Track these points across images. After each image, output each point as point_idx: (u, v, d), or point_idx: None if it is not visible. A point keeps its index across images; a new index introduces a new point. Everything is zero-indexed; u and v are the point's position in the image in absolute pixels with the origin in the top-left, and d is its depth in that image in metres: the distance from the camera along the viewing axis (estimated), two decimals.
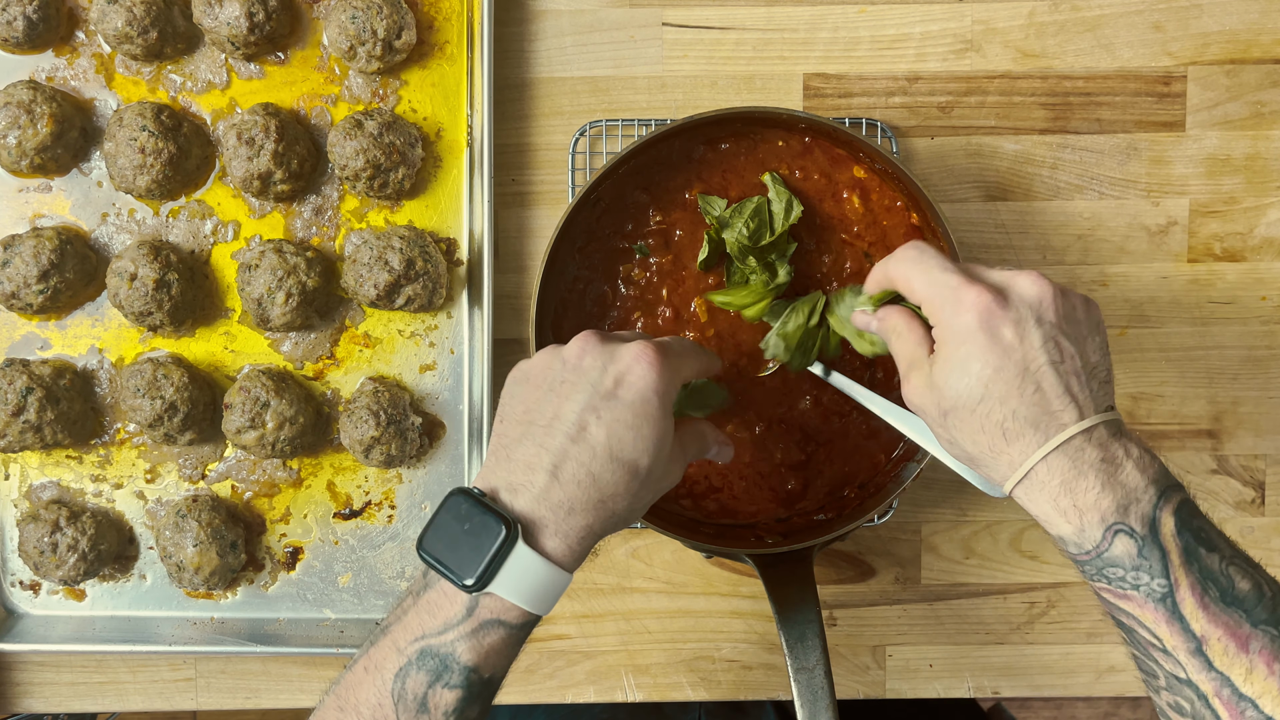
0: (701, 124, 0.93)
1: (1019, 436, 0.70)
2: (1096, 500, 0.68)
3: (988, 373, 0.70)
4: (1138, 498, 0.68)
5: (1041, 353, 0.70)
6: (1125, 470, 0.68)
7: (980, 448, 0.72)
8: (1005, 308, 0.71)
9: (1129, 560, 0.67)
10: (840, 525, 0.93)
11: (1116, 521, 0.68)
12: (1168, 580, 0.66)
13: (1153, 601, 0.67)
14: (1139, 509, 0.68)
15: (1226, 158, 1.05)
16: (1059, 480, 0.69)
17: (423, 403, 1.03)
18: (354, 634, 1.04)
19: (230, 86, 1.02)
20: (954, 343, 0.72)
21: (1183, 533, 0.67)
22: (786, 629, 0.88)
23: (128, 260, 0.97)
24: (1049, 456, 0.69)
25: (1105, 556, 0.68)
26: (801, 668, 0.87)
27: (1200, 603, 0.66)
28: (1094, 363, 0.72)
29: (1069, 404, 0.70)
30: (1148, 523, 0.67)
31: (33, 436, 0.97)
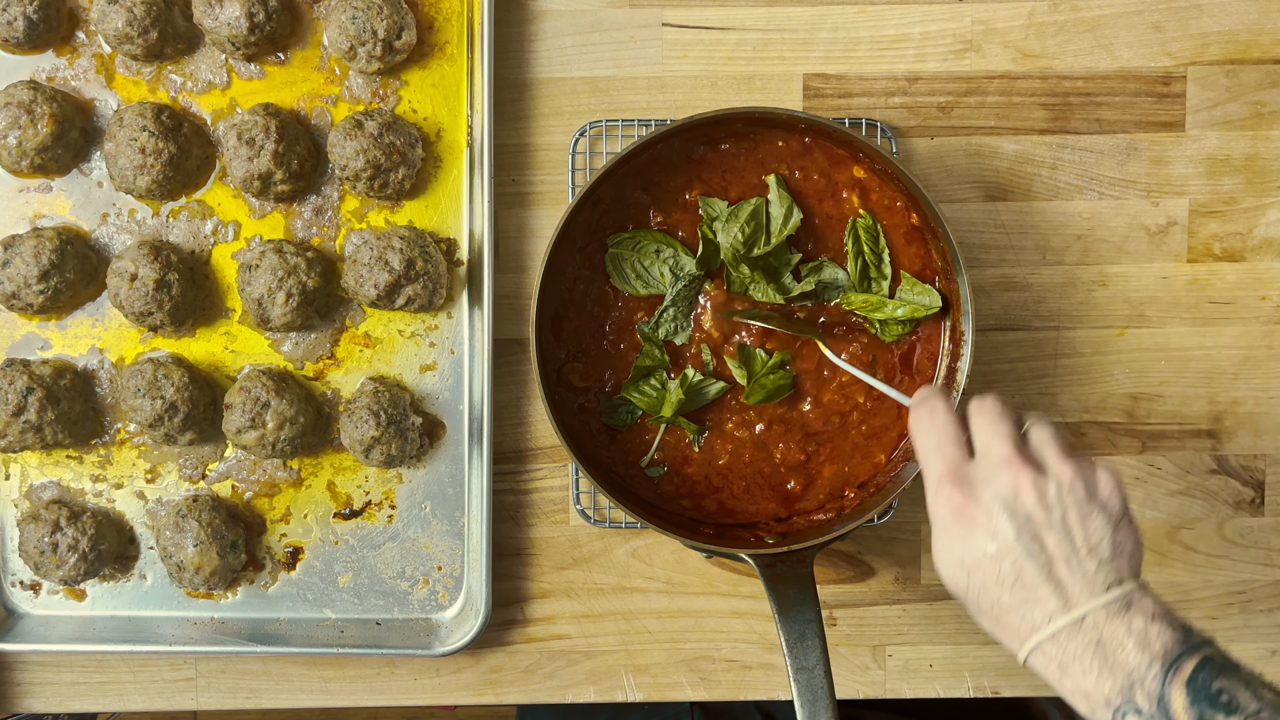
0: (701, 124, 0.93)
1: (1008, 624, 0.73)
2: (1096, 684, 0.69)
3: (966, 561, 0.73)
4: (1140, 677, 0.68)
5: (1016, 543, 0.72)
6: (1125, 650, 0.69)
7: (984, 624, 0.75)
8: (976, 501, 0.73)
9: None
10: (840, 525, 0.93)
11: (1122, 703, 0.68)
12: None
13: None
14: (1144, 688, 0.67)
15: (1226, 158, 1.05)
16: (1056, 664, 0.71)
17: (423, 403, 1.03)
18: (354, 634, 1.04)
19: (230, 87, 1.02)
20: (938, 530, 0.75)
21: (1197, 704, 0.66)
22: (786, 628, 0.88)
23: (128, 260, 0.97)
24: (1042, 644, 0.71)
25: None
26: (801, 667, 0.87)
27: None
28: (1092, 543, 0.72)
29: (1052, 593, 0.71)
30: (1155, 700, 0.67)
31: (33, 436, 0.97)
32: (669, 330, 0.97)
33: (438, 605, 1.05)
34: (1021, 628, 0.72)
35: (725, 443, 0.98)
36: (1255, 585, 1.08)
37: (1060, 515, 0.72)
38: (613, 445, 0.98)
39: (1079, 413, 1.06)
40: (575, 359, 0.98)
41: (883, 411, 0.98)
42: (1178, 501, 1.07)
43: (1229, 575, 1.08)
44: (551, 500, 1.06)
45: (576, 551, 1.07)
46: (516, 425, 1.06)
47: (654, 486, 0.99)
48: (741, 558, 0.92)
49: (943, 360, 0.97)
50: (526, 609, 1.07)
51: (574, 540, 1.06)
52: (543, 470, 1.06)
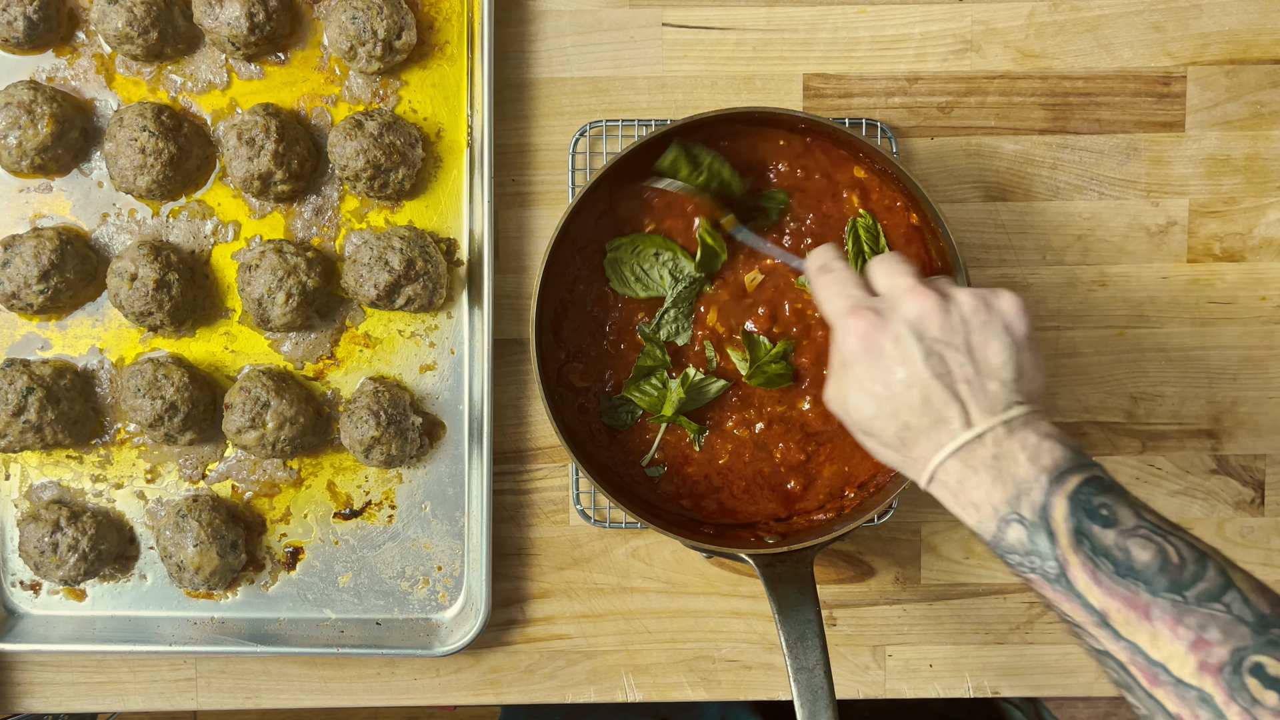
0: (701, 124, 0.93)
1: (914, 444, 0.76)
2: (988, 495, 0.72)
3: (876, 390, 0.76)
4: (1028, 488, 0.71)
5: (924, 366, 0.74)
6: (1017, 464, 0.72)
7: (887, 455, 0.78)
8: (884, 328, 0.76)
9: (1021, 546, 0.71)
10: (840, 525, 0.93)
11: (1009, 512, 0.72)
12: (1058, 562, 0.70)
13: (1049, 582, 0.71)
14: (1030, 498, 0.71)
15: (1226, 158, 1.05)
16: (955, 480, 0.74)
17: (423, 403, 1.03)
18: (354, 634, 1.04)
19: (231, 87, 1.02)
20: (846, 364, 0.77)
21: (1075, 514, 0.70)
22: (786, 628, 0.88)
23: (128, 260, 0.97)
24: (945, 461, 0.74)
25: (1002, 545, 0.72)
26: (801, 667, 0.87)
27: (1093, 578, 0.69)
28: (994, 364, 0.75)
29: (957, 411, 0.74)
30: (1038, 510, 0.71)
31: (33, 436, 0.97)
32: (670, 332, 0.97)
33: (438, 605, 1.05)
34: (927, 449, 0.75)
35: (725, 442, 0.98)
36: None
37: (964, 337, 0.75)
38: (613, 445, 0.98)
39: (1079, 413, 1.06)
40: (575, 359, 0.98)
41: None
42: (1178, 501, 1.07)
43: None
44: (551, 500, 1.06)
45: (576, 551, 1.07)
46: (516, 425, 1.06)
47: (654, 486, 0.99)
48: (741, 558, 0.92)
49: None
50: (526, 609, 1.07)
51: (574, 540, 1.07)
52: (543, 470, 1.06)
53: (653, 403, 0.97)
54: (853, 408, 0.78)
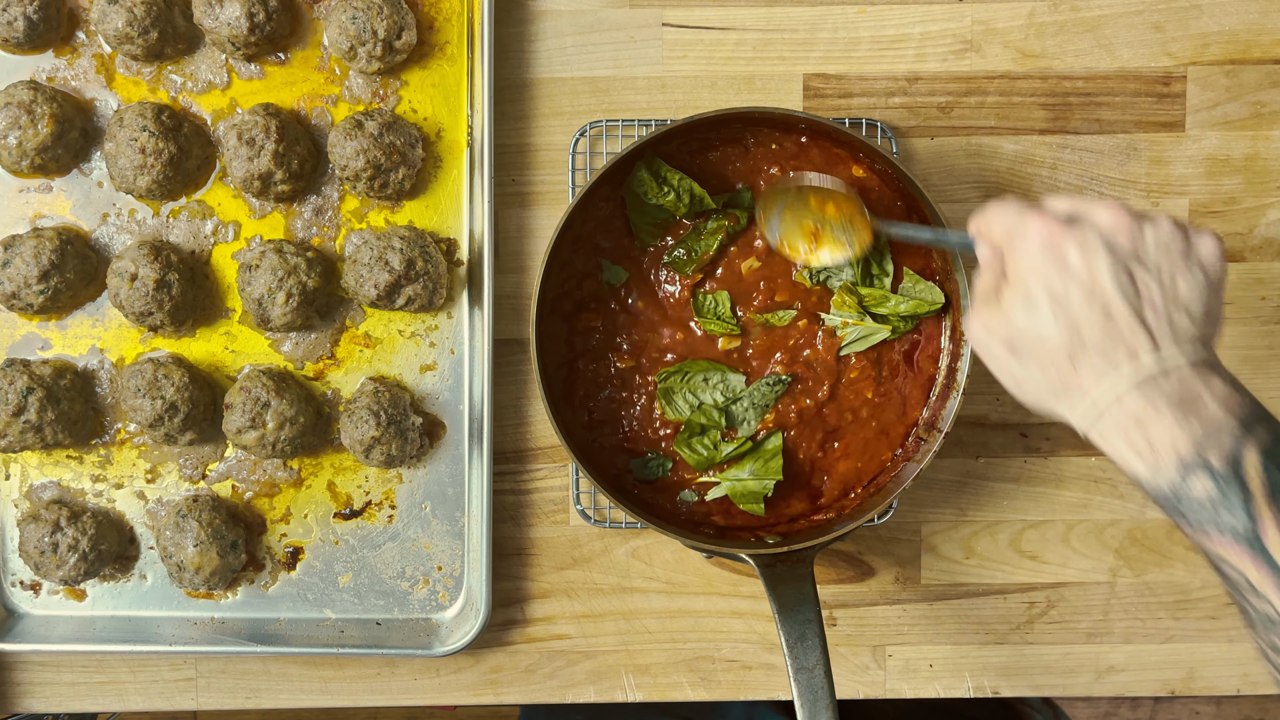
0: (701, 124, 0.93)
1: (1085, 365, 0.68)
2: (1173, 437, 0.65)
3: (1053, 297, 0.68)
4: (1218, 434, 0.65)
5: (1110, 279, 0.68)
6: (1206, 406, 0.65)
7: (1050, 380, 0.70)
8: (1069, 233, 0.69)
9: (1209, 499, 0.65)
10: (840, 525, 0.93)
11: (1195, 458, 0.65)
12: (1251, 519, 0.64)
13: (1236, 540, 0.64)
14: (1220, 445, 0.65)
15: (1226, 158, 1.05)
16: (1131, 415, 0.67)
17: (423, 403, 1.03)
18: (354, 634, 1.04)
19: (231, 87, 1.02)
20: (1020, 272, 0.70)
21: (1270, 468, 0.64)
22: (786, 629, 0.88)
23: (128, 260, 0.97)
24: (1122, 391, 0.67)
25: (1183, 496, 0.66)
26: (801, 667, 0.87)
27: None
28: (1185, 298, 0.68)
29: (1141, 333, 0.67)
30: (1229, 459, 0.65)
31: (33, 436, 0.97)
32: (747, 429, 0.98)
33: (438, 605, 1.05)
34: (1097, 374, 0.67)
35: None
36: None
37: (1156, 263, 0.69)
38: (615, 448, 0.99)
39: None
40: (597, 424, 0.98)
41: (889, 407, 0.99)
42: None
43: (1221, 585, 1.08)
44: (551, 500, 1.06)
45: (576, 551, 1.07)
46: (516, 425, 1.06)
47: (654, 486, 0.99)
48: (742, 558, 0.92)
49: (943, 359, 0.98)
50: (526, 609, 1.07)
51: (574, 540, 1.07)
52: (543, 470, 1.06)
53: (702, 461, 0.97)
54: (1020, 319, 0.69)
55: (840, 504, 0.98)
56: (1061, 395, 0.70)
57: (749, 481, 0.97)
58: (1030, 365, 0.71)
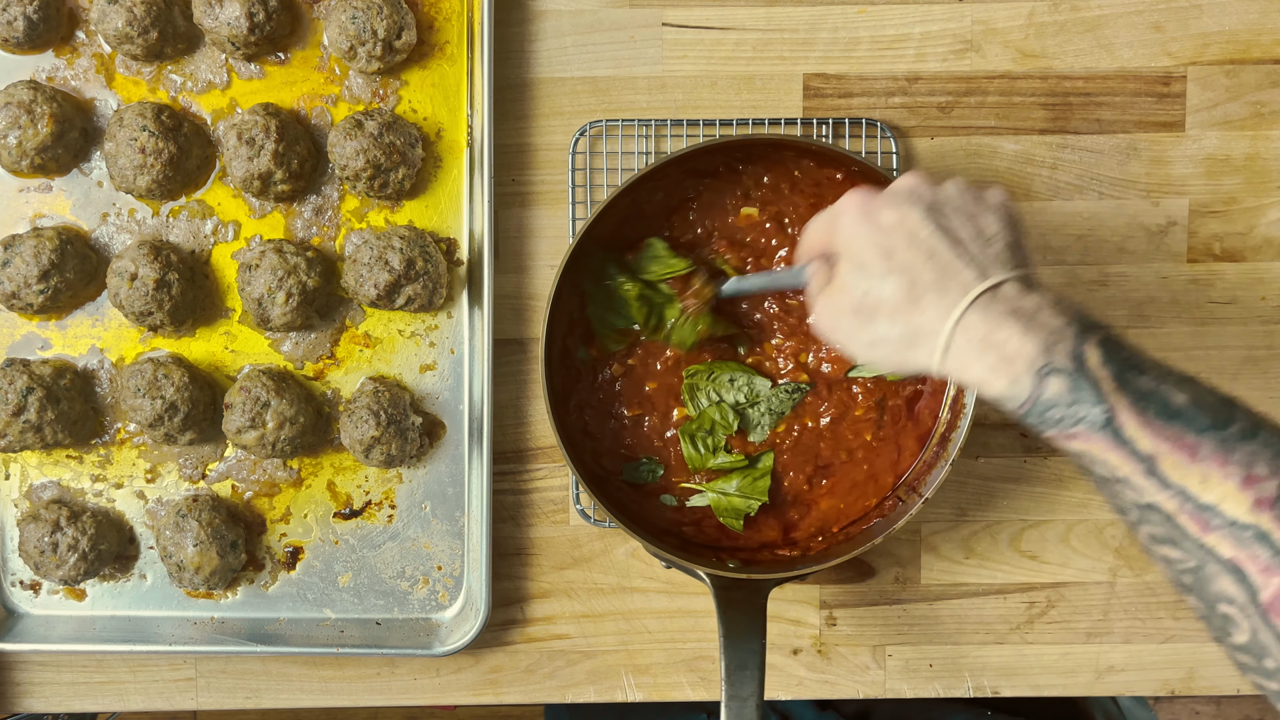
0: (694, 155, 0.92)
1: (927, 304, 0.73)
2: (1020, 347, 0.69)
3: (880, 252, 0.74)
4: (1060, 337, 0.69)
5: (925, 225, 0.74)
6: (1043, 315, 0.70)
7: (900, 331, 0.74)
8: (877, 197, 0.76)
9: (1064, 398, 0.68)
10: (803, 565, 0.93)
11: (1044, 364, 0.68)
12: (1106, 405, 0.67)
13: (1096, 431, 0.67)
14: (1064, 346, 0.68)
15: (1226, 158, 1.05)
16: (978, 338, 0.71)
17: (423, 403, 1.03)
18: (354, 634, 1.04)
19: (230, 86, 1.02)
20: (847, 244, 0.76)
21: (1110, 361, 0.68)
22: (729, 654, 0.88)
23: (128, 260, 0.97)
24: (963, 317, 0.71)
25: (1042, 400, 0.69)
26: (735, 695, 0.87)
27: (1141, 420, 0.66)
28: (991, 233, 0.74)
29: (968, 263, 0.73)
30: (1074, 357, 0.68)
31: (33, 436, 0.97)
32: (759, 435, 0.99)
33: (438, 605, 1.05)
34: (939, 310, 0.72)
35: None
36: None
37: (957, 208, 0.75)
38: (615, 452, 0.99)
39: None
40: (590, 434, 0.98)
41: (884, 453, 0.98)
42: None
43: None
44: (551, 500, 1.06)
45: (576, 551, 1.07)
46: (516, 425, 1.06)
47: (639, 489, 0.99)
48: (699, 575, 0.92)
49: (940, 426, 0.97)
50: (526, 609, 1.07)
51: (574, 540, 1.07)
52: (543, 470, 1.06)
53: (695, 460, 0.97)
54: (856, 285, 0.75)
55: (809, 543, 0.98)
56: (915, 343, 0.74)
57: (734, 497, 0.97)
58: (879, 324, 0.75)
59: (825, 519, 0.98)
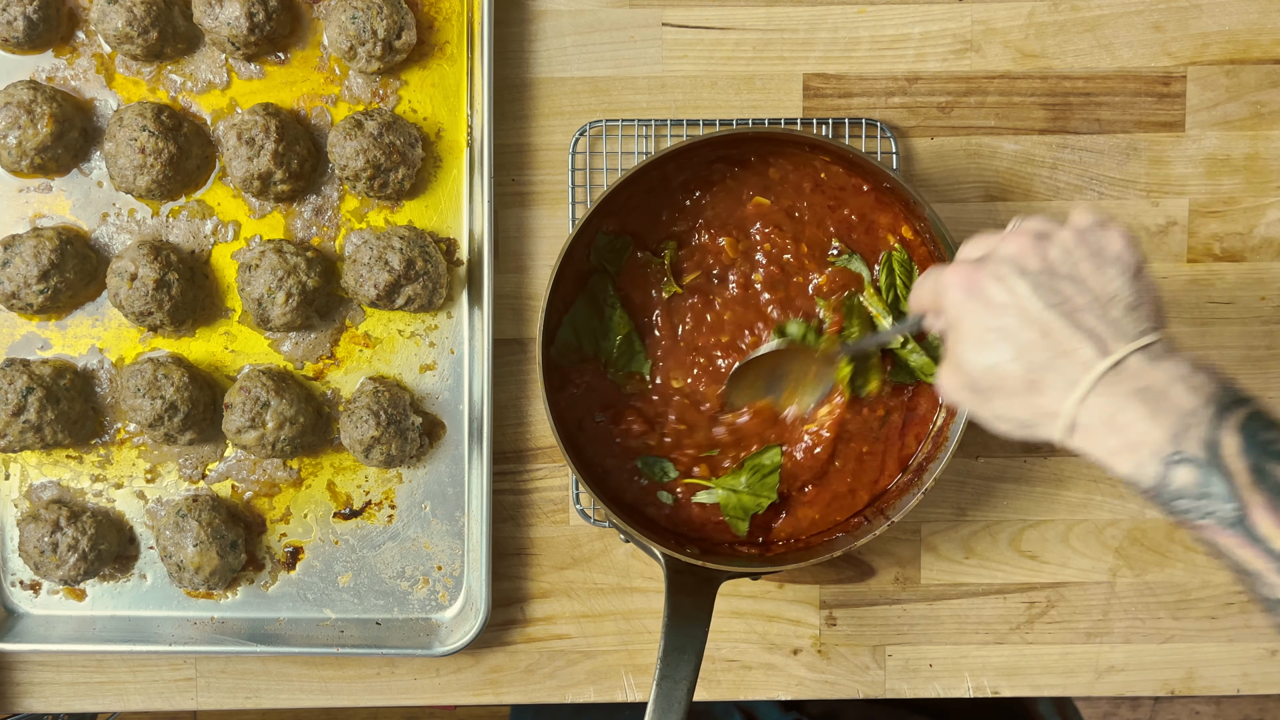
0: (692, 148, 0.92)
1: (1047, 385, 0.69)
2: (1146, 434, 0.65)
3: (988, 336, 0.70)
4: (1192, 421, 0.64)
5: (1034, 300, 0.69)
6: (1173, 395, 0.65)
7: (1020, 411, 0.71)
8: (980, 269, 0.71)
9: (1193, 490, 0.64)
10: (758, 565, 0.93)
11: (1173, 451, 0.64)
12: (1239, 504, 0.63)
13: (1227, 528, 0.63)
14: (1196, 433, 0.64)
15: (1226, 158, 1.05)
16: (1101, 418, 0.67)
17: (423, 403, 1.03)
18: (354, 634, 1.04)
19: (230, 86, 1.02)
20: (956, 321, 0.72)
21: (1250, 450, 0.63)
22: (670, 637, 0.88)
23: (128, 260, 0.97)
24: (1085, 398, 0.67)
25: (1169, 490, 0.65)
26: (668, 676, 0.87)
27: (1277, 521, 0.62)
28: (1111, 292, 0.69)
29: (1085, 340, 0.68)
30: (1207, 446, 0.64)
31: (33, 436, 0.97)
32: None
33: (438, 605, 1.05)
34: (1060, 390, 0.68)
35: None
36: None
37: (1071, 268, 0.70)
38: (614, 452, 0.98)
39: None
40: None
41: (869, 468, 0.98)
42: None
43: (1229, 575, 1.08)
44: (551, 500, 1.06)
45: (576, 551, 1.07)
46: (516, 425, 1.06)
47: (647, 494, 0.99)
48: (655, 554, 0.92)
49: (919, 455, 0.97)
50: (526, 609, 1.07)
51: (574, 540, 1.07)
52: (543, 470, 1.06)
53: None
54: (971, 364, 0.71)
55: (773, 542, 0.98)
56: (1038, 420, 0.71)
57: (744, 494, 0.96)
58: (998, 402, 0.72)
59: (798, 527, 0.98)
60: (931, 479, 0.92)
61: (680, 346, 0.97)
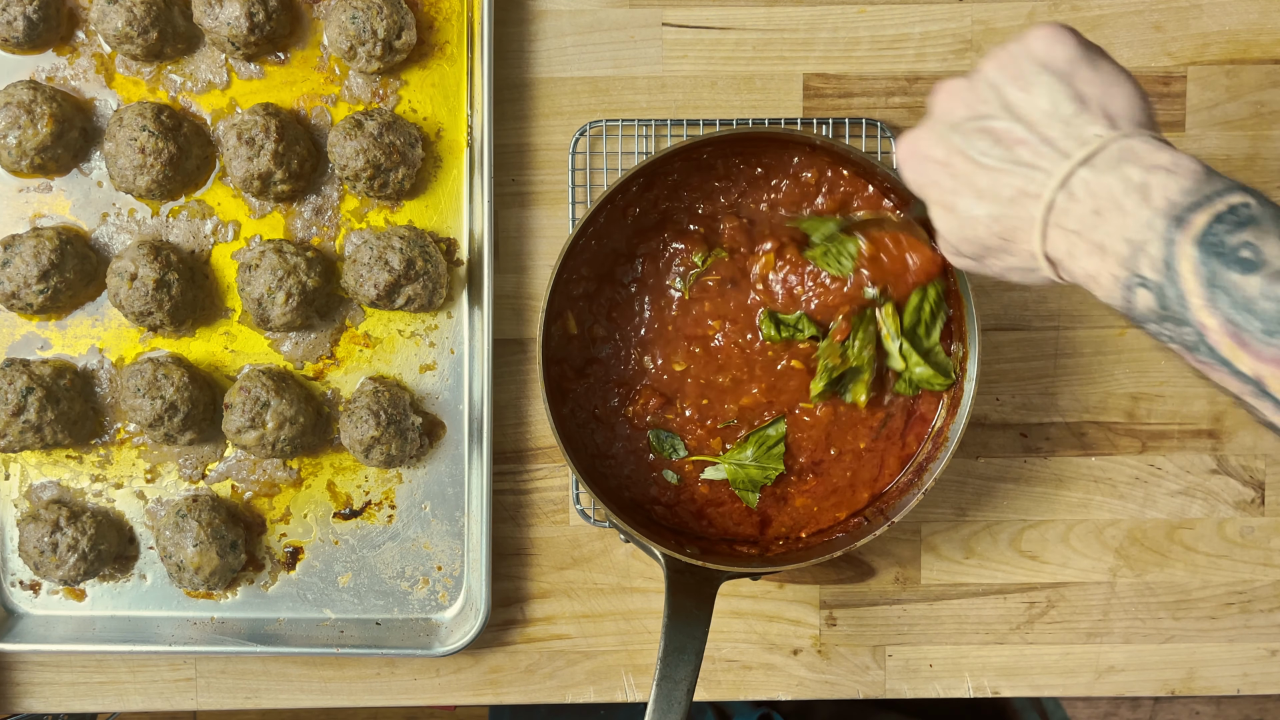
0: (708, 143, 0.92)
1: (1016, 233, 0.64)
2: (1101, 261, 0.60)
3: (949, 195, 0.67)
4: (1143, 240, 0.58)
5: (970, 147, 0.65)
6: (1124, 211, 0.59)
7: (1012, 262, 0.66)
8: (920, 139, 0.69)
9: (1153, 314, 0.58)
10: (759, 565, 0.93)
11: (1129, 276, 0.59)
12: (1194, 327, 0.57)
13: (1190, 351, 0.58)
14: (1149, 253, 0.57)
15: (1226, 158, 1.05)
16: (1065, 253, 0.62)
17: (423, 403, 1.03)
18: (354, 634, 1.04)
19: (230, 86, 1.02)
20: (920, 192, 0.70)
21: (1208, 262, 0.56)
22: (670, 637, 0.88)
23: (128, 260, 0.97)
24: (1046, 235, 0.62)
25: (1135, 316, 0.60)
26: (668, 677, 0.87)
27: (1237, 341, 0.56)
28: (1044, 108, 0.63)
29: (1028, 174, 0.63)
30: (1161, 266, 0.57)
31: (33, 436, 0.97)
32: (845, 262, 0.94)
33: (438, 605, 1.05)
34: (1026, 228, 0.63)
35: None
36: (1255, 585, 1.08)
37: (998, 100, 0.64)
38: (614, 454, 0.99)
39: (1079, 412, 1.06)
40: None
41: (868, 465, 0.98)
42: (1178, 501, 1.07)
43: (1229, 575, 1.08)
44: (551, 500, 1.06)
45: (576, 551, 1.07)
46: (516, 425, 1.06)
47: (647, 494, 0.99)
48: (655, 554, 0.92)
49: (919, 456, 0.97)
50: (526, 609, 1.07)
51: (574, 540, 1.07)
52: (543, 470, 1.06)
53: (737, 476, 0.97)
54: (946, 231, 0.68)
55: (771, 544, 0.98)
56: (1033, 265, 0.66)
57: (751, 468, 0.96)
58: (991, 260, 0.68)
59: (797, 521, 0.98)
60: (932, 479, 0.92)
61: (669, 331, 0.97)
